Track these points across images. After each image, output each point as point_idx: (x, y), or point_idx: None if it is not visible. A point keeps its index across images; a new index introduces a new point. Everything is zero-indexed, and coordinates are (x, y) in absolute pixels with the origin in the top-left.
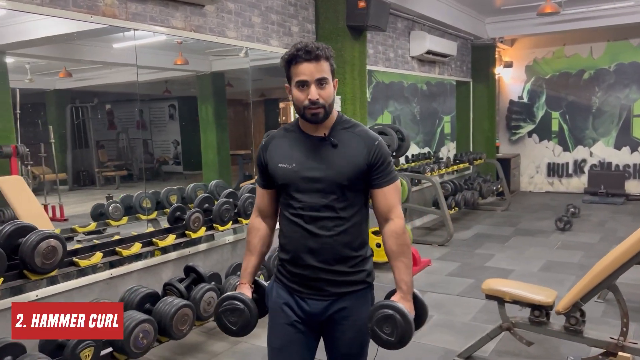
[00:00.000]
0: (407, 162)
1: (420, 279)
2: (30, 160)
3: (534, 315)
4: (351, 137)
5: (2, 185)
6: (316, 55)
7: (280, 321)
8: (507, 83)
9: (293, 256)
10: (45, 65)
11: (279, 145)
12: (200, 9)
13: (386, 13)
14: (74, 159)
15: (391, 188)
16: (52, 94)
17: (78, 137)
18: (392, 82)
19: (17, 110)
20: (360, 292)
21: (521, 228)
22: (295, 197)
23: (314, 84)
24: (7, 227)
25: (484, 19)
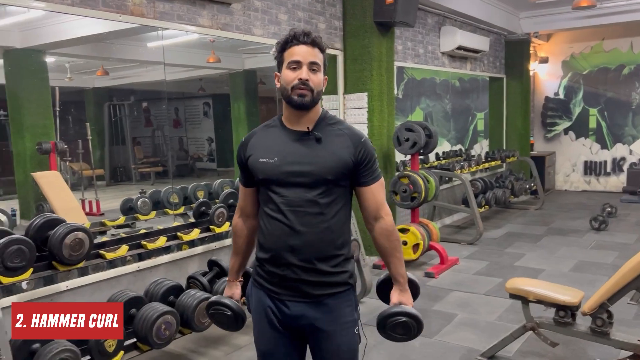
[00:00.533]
0: (437, 159)
1: (446, 277)
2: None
3: (558, 315)
4: (336, 133)
5: (40, 180)
6: (313, 40)
7: (265, 325)
8: (542, 79)
9: (273, 255)
10: (84, 64)
11: (259, 141)
12: (227, 7)
13: (414, 9)
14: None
15: (378, 185)
16: (91, 92)
17: (115, 134)
18: (424, 78)
19: (56, 108)
20: (342, 294)
21: (554, 227)
22: (277, 191)
23: (306, 66)
24: (37, 219)
25: (518, 13)
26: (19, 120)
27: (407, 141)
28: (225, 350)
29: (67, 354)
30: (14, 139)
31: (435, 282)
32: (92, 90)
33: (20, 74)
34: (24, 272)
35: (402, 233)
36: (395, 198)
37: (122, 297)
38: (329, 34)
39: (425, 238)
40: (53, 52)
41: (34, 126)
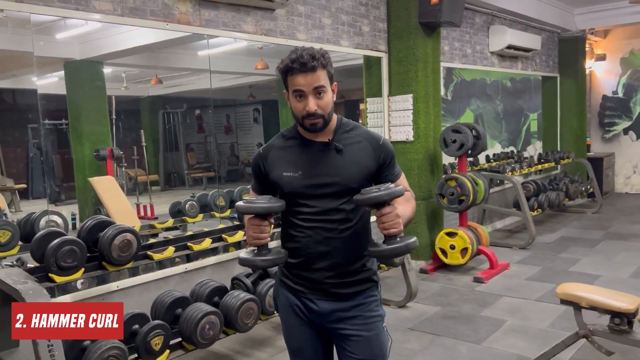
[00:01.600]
0: (487, 161)
1: (496, 282)
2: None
3: (613, 322)
4: (355, 140)
5: (96, 185)
6: (312, 66)
7: (294, 323)
8: (599, 77)
9: (302, 261)
10: (139, 73)
11: (280, 154)
12: (270, 13)
13: (460, 8)
14: (165, 162)
15: (400, 181)
16: (146, 101)
17: (169, 141)
18: (474, 79)
19: (112, 116)
20: (369, 291)
21: (612, 232)
22: (304, 203)
23: (311, 95)
24: (88, 221)
25: (572, 10)
26: (78, 128)
27: (454, 143)
28: (270, 352)
29: (115, 351)
30: (74, 146)
31: (485, 288)
32: (147, 98)
33: (80, 84)
34: (76, 271)
35: (449, 237)
36: (442, 201)
37: (169, 297)
38: (373, 36)
39: (474, 242)
40: (109, 62)
41: (92, 134)
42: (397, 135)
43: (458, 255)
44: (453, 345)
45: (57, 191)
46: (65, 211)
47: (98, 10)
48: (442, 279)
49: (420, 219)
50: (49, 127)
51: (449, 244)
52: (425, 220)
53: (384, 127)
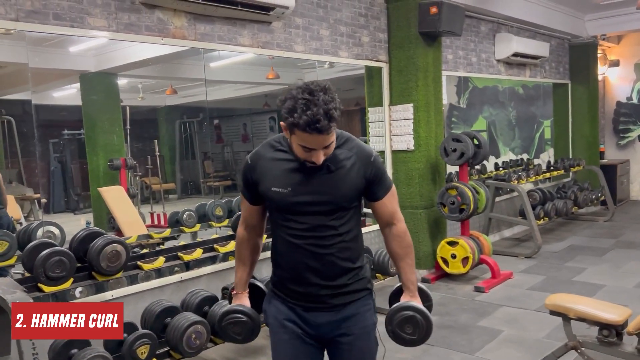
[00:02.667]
0: (496, 169)
1: (497, 292)
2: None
3: (602, 334)
4: (345, 156)
5: (105, 195)
6: (327, 129)
7: (284, 337)
8: (613, 83)
9: (293, 275)
10: (155, 84)
11: (269, 166)
12: (267, 26)
13: (461, 18)
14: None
15: (390, 196)
16: (163, 110)
17: (185, 150)
18: (486, 86)
19: (127, 126)
20: (363, 299)
21: (623, 240)
22: (294, 219)
23: (321, 151)
24: (80, 232)
25: (582, 16)
26: (93, 138)
27: (454, 152)
28: None
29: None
30: (89, 156)
31: (485, 297)
32: (164, 108)
33: (94, 95)
34: (64, 281)
35: (450, 246)
36: (443, 210)
37: (158, 306)
38: (373, 47)
39: (476, 251)
40: (124, 74)
41: (106, 144)
42: (398, 145)
43: (459, 264)
44: (446, 355)
45: (75, 200)
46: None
47: (93, 27)
48: (443, 288)
49: (422, 228)
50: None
51: (450, 253)
52: (427, 229)
53: (385, 136)
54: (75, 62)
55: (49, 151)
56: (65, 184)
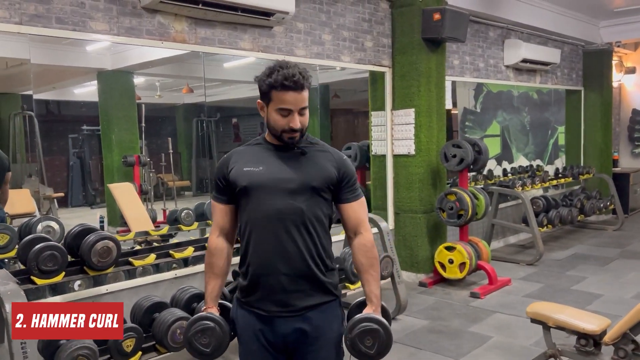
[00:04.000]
0: (504, 175)
1: (493, 298)
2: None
3: (580, 344)
4: (319, 149)
5: (114, 191)
6: (302, 85)
7: (252, 347)
8: (629, 90)
9: (261, 266)
10: (173, 82)
11: (244, 154)
12: (268, 30)
13: (465, 24)
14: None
15: (359, 203)
16: (181, 108)
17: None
18: (500, 91)
19: (142, 124)
20: (329, 305)
21: (629, 250)
22: (262, 200)
23: (296, 112)
24: (75, 228)
25: (597, 22)
26: (109, 135)
27: (454, 157)
28: None
29: (85, 351)
30: (104, 153)
31: (480, 303)
32: (182, 106)
33: (111, 93)
34: (56, 275)
35: (448, 251)
36: (442, 215)
37: (147, 301)
38: (377, 52)
39: (473, 257)
40: (139, 72)
41: (121, 141)
42: (399, 149)
43: (456, 269)
44: (431, 359)
45: (93, 194)
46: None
47: (95, 31)
48: (439, 293)
49: (422, 232)
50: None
51: (447, 258)
52: (426, 234)
53: (387, 140)
54: (93, 61)
55: (68, 146)
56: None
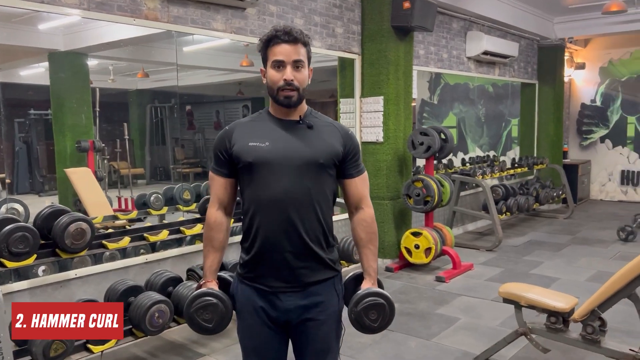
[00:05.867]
0: (463, 164)
1: (457, 282)
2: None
3: (550, 321)
4: (324, 124)
5: (71, 176)
6: (294, 37)
7: (252, 322)
8: (579, 85)
9: (267, 242)
10: (127, 66)
11: (248, 127)
12: (241, 12)
13: (433, 13)
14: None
15: (362, 178)
16: (135, 94)
17: (156, 135)
18: (458, 83)
19: (96, 108)
20: (332, 281)
21: (579, 237)
22: (268, 176)
23: (290, 65)
24: (45, 210)
25: (551, 18)
26: (61, 119)
27: (421, 145)
28: (225, 342)
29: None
30: (56, 138)
31: (445, 287)
32: (135, 92)
33: (63, 75)
34: (27, 257)
35: (414, 237)
36: (408, 201)
37: (122, 285)
38: (347, 38)
39: (438, 242)
40: (95, 55)
41: (74, 125)
42: (368, 136)
43: (422, 254)
44: (403, 340)
45: (40, 182)
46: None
47: (64, 4)
48: (405, 277)
49: (388, 219)
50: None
51: (413, 244)
52: (392, 220)
53: (356, 127)
54: (44, 41)
55: (14, 131)
56: (30, 165)
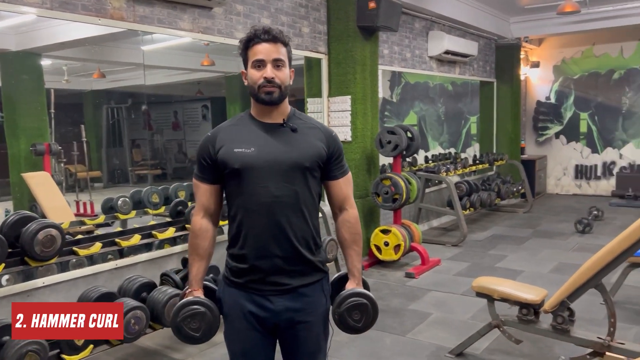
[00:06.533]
0: (426, 162)
1: (426, 278)
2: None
3: (521, 313)
4: (308, 126)
5: (29, 181)
6: (274, 36)
7: (240, 326)
8: (534, 83)
9: (254, 248)
10: (81, 67)
11: (231, 132)
12: (208, 11)
13: (397, 14)
14: (109, 158)
15: (346, 179)
16: (89, 95)
17: (113, 137)
18: (418, 82)
19: (51, 110)
20: (318, 283)
21: (540, 230)
22: (255, 182)
23: (270, 63)
24: (11, 216)
25: (508, 18)
26: (14, 122)
27: (389, 143)
28: (200, 346)
29: (34, 346)
30: (9, 141)
31: (415, 282)
32: (90, 92)
33: (16, 76)
34: None
35: (383, 234)
36: (377, 199)
37: (95, 292)
38: (313, 38)
39: (407, 239)
40: (49, 54)
41: (28, 128)
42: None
43: (392, 251)
44: (378, 337)
45: None
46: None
47: (26, 3)
48: (375, 275)
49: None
50: None
51: (383, 241)
52: (362, 218)
53: None
54: None
55: None
56: None
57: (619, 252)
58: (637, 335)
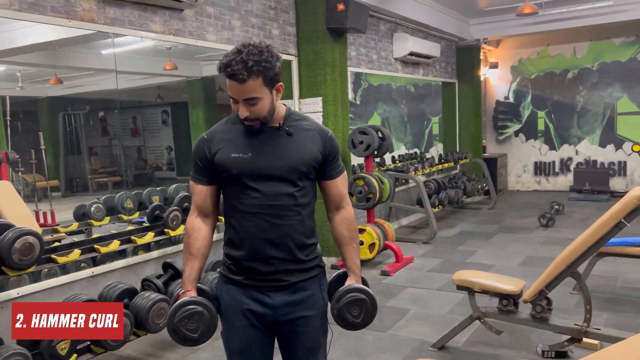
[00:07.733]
0: (393, 162)
1: (401, 275)
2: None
3: (502, 304)
4: (304, 128)
5: None
6: (240, 79)
7: (238, 324)
8: (493, 84)
9: (251, 250)
10: (36, 72)
11: (227, 136)
12: (179, 13)
13: (365, 15)
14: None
15: (342, 178)
16: (44, 102)
17: (70, 145)
18: (380, 84)
19: (7, 117)
20: (316, 278)
21: (505, 225)
22: (252, 186)
23: (241, 103)
24: None
25: (467, 20)
26: None
27: (361, 144)
28: (182, 352)
29: (17, 357)
30: None
31: (391, 280)
32: (45, 99)
33: None
34: None
35: (358, 233)
36: (351, 199)
37: (76, 299)
38: (283, 40)
39: (381, 238)
40: (3, 60)
41: None
42: None
43: (367, 250)
44: (360, 334)
45: None
46: None
47: None
48: None
49: None
50: None
51: (359, 238)
52: None
53: None
54: None
55: None
56: None
57: (593, 242)
58: (608, 321)
